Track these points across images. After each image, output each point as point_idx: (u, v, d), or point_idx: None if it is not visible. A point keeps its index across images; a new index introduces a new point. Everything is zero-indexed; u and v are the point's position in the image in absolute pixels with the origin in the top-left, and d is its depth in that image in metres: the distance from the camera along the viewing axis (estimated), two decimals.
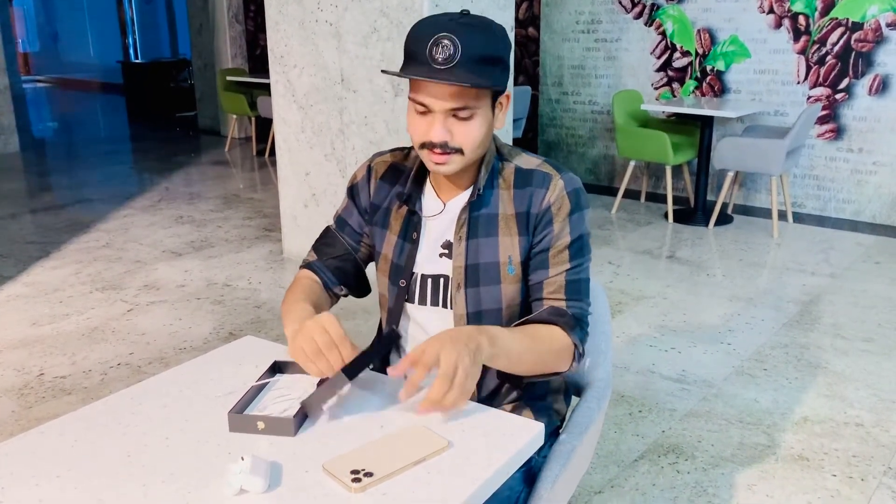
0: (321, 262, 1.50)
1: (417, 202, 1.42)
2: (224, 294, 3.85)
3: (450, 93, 1.24)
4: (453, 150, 1.29)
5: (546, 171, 1.37)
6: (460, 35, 1.21)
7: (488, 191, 1.38)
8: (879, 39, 4.77)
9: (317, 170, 4.11)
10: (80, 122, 11.24)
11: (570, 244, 1.35)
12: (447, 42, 1.21)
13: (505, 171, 1.39)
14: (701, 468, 2.35)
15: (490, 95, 1.29)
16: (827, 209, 5.19)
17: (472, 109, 1.26)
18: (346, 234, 1.50)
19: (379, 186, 1.47)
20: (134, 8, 15.02)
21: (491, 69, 1.25)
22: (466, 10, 1.27)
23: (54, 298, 3.81)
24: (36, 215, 5.48)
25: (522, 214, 1.36)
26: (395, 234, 1.44)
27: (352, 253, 1.50)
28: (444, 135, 1.27)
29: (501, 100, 1.33)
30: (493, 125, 1.33)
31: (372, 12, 3.64)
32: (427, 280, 1.41)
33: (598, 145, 6.18)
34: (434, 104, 1.26)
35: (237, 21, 8.57)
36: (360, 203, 1.49)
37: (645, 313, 3.58)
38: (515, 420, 1.16)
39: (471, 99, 1.25)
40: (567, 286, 1.35)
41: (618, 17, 5.82)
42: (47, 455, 1.08)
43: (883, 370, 3.00)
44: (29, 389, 2.89)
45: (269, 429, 1.11)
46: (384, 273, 1.46)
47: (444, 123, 1.27)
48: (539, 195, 1.35)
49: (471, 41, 1.21)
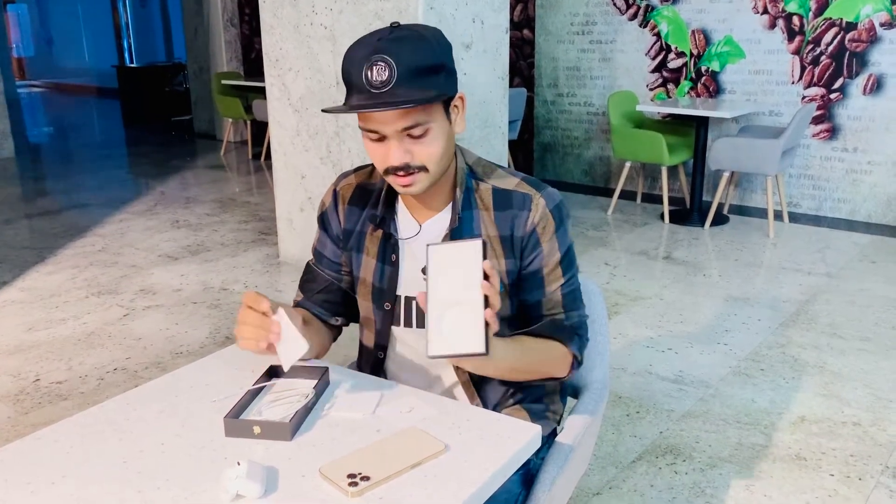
0: (307, 300, 1.49)
1: (392, 224, 1.39)
2: (220, 298, 3.84)
3: (396, 114, 1.19)
4: (416, 168, 1.25)
5: (525, 192, 1.34)
6: (393, 53, 1.16)
7: (467, 212, 1.34)
8: (873, 39, 4.78)
9: (312, 173, 4.11)
10: (75, 127, 11.22)
11: (560, 260, 1.36)
12: (381, 63, 1.16)
13: (481, 191, 1.35)
14: (699, 469, 2.35)
15: (441, 105, 1.24)
16: (822, 209, 5.20)
17: (425, 125, 1.22)
18: (325, 266, 1.48)
19: (349, 211, 1.43)
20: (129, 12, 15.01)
21: (433, 78, 1.20)
22: (396, 23, 1.22)
23: (50, 303, 3.80)
24: (31, 220, 5.47)
25: (507, 238, 1.34)
26: (373, 258, 1.40)
27: (335, 283, 1.47)
28: (404, 156, 1.23)
29: (455, 103, 1.28)
30: (452, 133, 1.29)
31: (367, 15, 3.64)
32: (412, 302, 1.38)
33: (593, 146, 6.18)
34: (384, 129, 1.21)
35: (232, 25, 8.56)
36: (332, 232, 1.46)
37: (641, 314, 3.59)
38: (512, 422, 1.16)
39: (420, 115, 1.21)
40: (564, 299, 1.37)
41: (612, 19, 5.82)
42: (43, 461, 1.07)
43: (880, 369, 3.00)
44: (25, 395, 2.88)
45: (266, 433, 1.11)
46: (365, 297, 1.43)
47: (401, 145, 1.22)
48: (522, 217, 1.33)
49: (405, 57, 1.16)
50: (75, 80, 16.25)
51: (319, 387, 1.23)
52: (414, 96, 1.17)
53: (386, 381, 1.31)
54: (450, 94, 1.25)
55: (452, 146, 1.32)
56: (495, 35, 3.82)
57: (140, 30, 15.02)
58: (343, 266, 1.47)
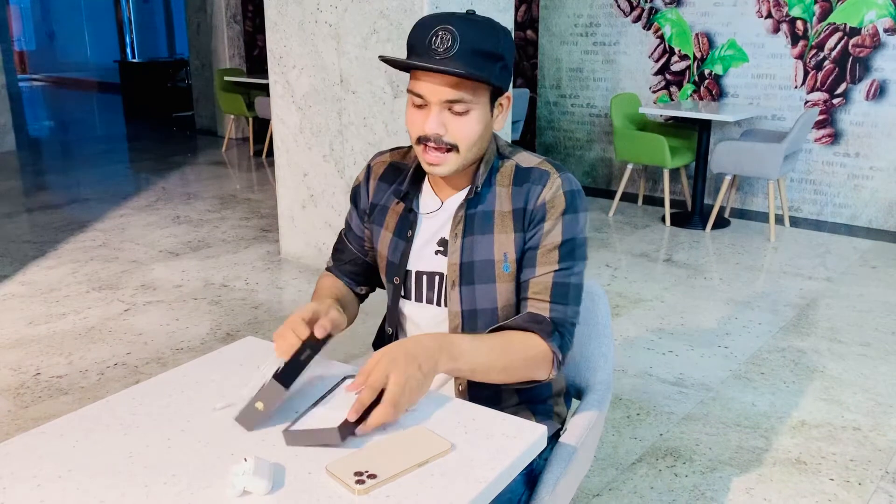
0: (336, 267, 1.54)
1: (415, 200, 1.42)
2: (221, 294, 3.84)
3: (446, 83, 1.23)
4: (448, 145, 1.27)
5: (545, 169, 1.35)
6: (460, 28, 1.22)
7: (486, 188, 1.36)
8: (877, 45, 4.79)
9: (315, 171, 4.11)
10: (76, 122, 11.22)
11: (560, 244, 1.32)
12: (446, 34, 1.21)
13: (504, 169, 1.37)
14: (699, 472, 2.35)
15: (488, 93, 1.28)
16: (824, 213, 5.20)
17: (468, 104, 1.25)
18: (351, 239, 1.53)
19: (378, 186, 1.47)
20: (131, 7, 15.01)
21: (490, 64, 1.24)
22: (472, 11, 1.27)
23: (51, 298, 3.79)
24: (32, 214, 5.47)
25: (519, 211, 1.34)
26: (391, 232, 1.43)
27: (361, 256, 1.52)
28: (439, 127, 1.26)
29: (502, 101, 1.32)
30: (490, 126, 1.32)
31: (371, 14, 3.64)
32: (422, 277, 1.40)
33: (595, 148, 6.18)
34: (430, 95, 1.25)
35: (235, 21, 8.56)
36: (361, 205, 1.50)
37: (642, 316, 3.59)
38: (518, 423, 1.16)
39: (467, 92, 1.24)
40: (553, 288, 1.31)
41: (616, 21, 5.83)
42: (48, 455, 1.07)
43: (879, 374, 3.01)
44: (25, 389, 2.88)
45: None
46: (382, 271, 1.47)
47: (440, 116, 1.26)
48: (536, 192, 1.33)
49: (470, 34, 1.22)
50: (77, 75, 16.25)
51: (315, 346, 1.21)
52: (467, 70, 1.21)
53: None
54: (501, 86, 1.29)
55: (488, 138, 1.34)
56: None
57: (142, 25, 15.01)
58: (366, 241, 1.51)
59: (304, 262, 4.22)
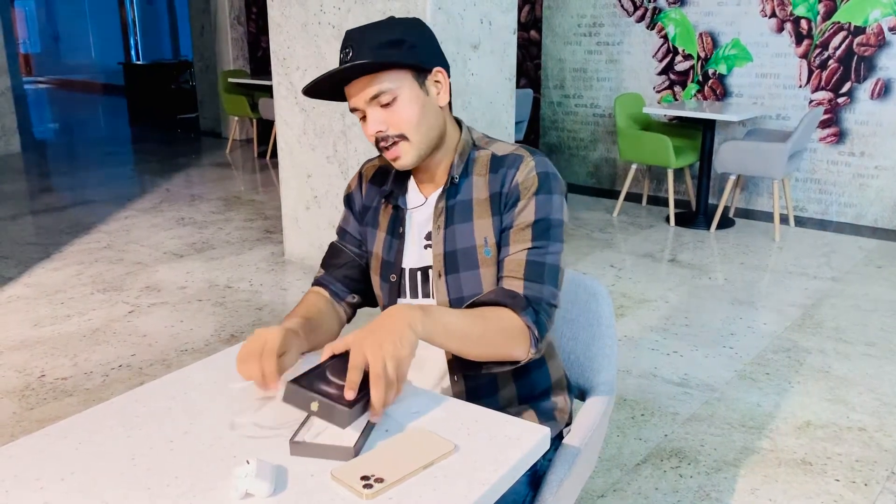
0: (328, 275, 1.52)
1: (401, 197, 1.45)
2: (225, 296, 3.85)
3: (362, 85, 1.29)
4: (394, 137, 1.32)
5: (519, 154, 1.38)
6: (359, 34, 1.29)
7: (463, 179, 1.40)
8: (881, 43, 4.77)
9: (318, 172, 4.11)
10: (81, 124, 11.24)
11: (534, 223, 1.32)
12: (347, 44, 1.29)
13: (480, 159, 1.41)
14: (704, 472, 2.35)
15: (410, 75, 1.31)
16: (829, 213, 5.19)
17: (392, 92, 1.29)
18: (348, 242, 1.53)
19: (368, 189, 1.51)
20: (135, 9, 15.04)
21: (391, 51, 1.28)
22: (392, 17, 1.34)
23: (55, 300, 3.80)
24: (37, 216, 5.48)
25: (496, 195, 1.37)
26: (384, 232, 1.46)
27: (357, 260, 1.52)
28: (379, 125, 1.31)
29: (436, 76, 1.35)
30: (432, 104, 1.35)
31: (375, 15, 3.64)
32: (416, 273, 1.43)
33: (599, 148, 6.18)
34: (357, 101, 1.31)
35: (239, 23, 8.57)
36: (355, 209, 1.53)
37: (646, 317, 3.58)
38: (521, 424, 1.16)
39: (384, 83, 1.29)
40: (527, 266, 1.30)
41: (620, 21, 5.82)
42: (51, 457, 1.07)
43: (885, 374, 3.00)
44: (30, 391, 2.89)
45: (322, 413, 1.08)
46: (375, 272, 1.48)
47: (374, 115, 1.31)
48: (510, 175, 1.36)
49: (368, 35, 1.29)
50: (81, 77, 16.28)
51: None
52: (364, 59, 1.26)
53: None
54: (415, 63, 1.31)
55: (435, 117, 1.36)
56: (503, 36, 3.82)
57: (147, 27, 15.04)
58: (363, 243, 1.52)
59: (308, 263, 4.22)
